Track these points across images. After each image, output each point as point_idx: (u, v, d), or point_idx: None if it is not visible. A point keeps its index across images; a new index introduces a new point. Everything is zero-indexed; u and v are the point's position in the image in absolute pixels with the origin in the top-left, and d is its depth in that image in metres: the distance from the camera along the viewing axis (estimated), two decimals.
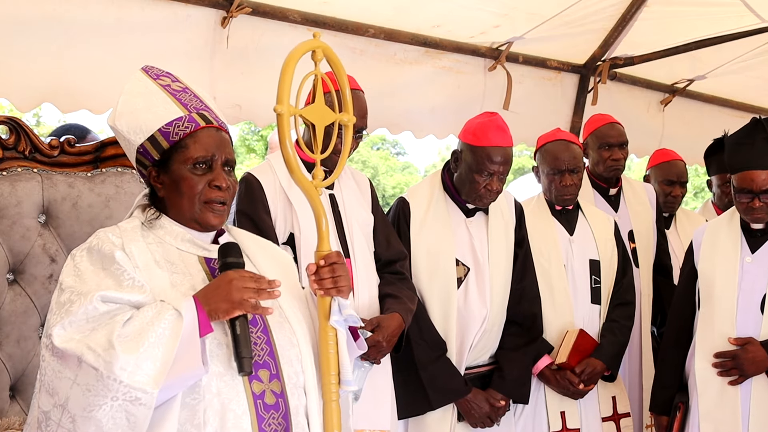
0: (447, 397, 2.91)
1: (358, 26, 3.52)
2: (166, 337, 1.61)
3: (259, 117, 3.40)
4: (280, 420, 1.77)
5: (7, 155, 2.38)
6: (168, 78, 1.93)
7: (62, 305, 1.66)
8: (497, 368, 3.03)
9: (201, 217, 1.84)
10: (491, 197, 2.94)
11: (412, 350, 2.85)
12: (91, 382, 1.57)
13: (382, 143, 24.88)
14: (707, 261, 2.97)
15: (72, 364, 1.59)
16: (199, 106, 1.89)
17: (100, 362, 1.56)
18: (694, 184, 17.15)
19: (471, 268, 2.98)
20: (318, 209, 1.95)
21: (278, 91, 1.83)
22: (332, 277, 1.90)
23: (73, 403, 1.59)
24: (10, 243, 2.33)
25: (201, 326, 1.66)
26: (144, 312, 1.64)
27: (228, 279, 1.72)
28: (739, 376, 2.84)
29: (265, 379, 1.77)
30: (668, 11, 3.99)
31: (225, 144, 1.87)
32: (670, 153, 4.09)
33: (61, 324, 1.62)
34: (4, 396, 2.33)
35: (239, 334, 1.70)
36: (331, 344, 1.89)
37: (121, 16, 2.93)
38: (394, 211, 3.05)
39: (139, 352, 1.57)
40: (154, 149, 1.84)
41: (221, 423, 1.69)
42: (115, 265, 1.73)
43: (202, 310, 1.67)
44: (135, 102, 1.87)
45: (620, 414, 3.31)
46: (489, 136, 2.88)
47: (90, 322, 1.63)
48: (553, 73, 4.37)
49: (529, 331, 3.07)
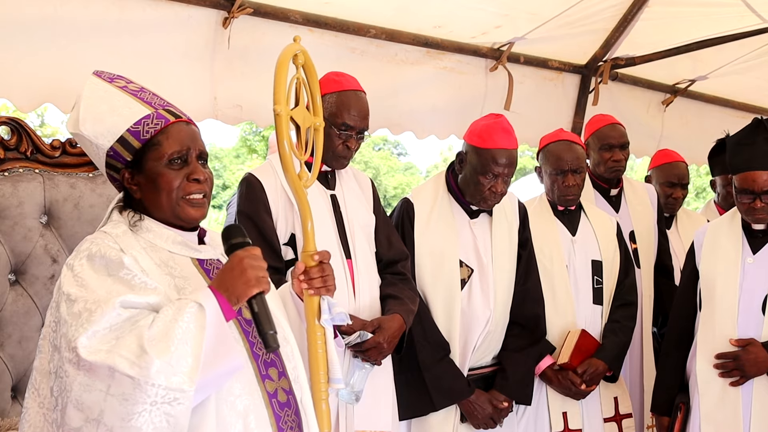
0: (450, 398, 2.91)
1: (359, 27, 3.52)
2: (192, 332, 1.58)
3: (260, 117, 3.40)
4: (294, 417, 1.77)
5: (9, 156, 2.38)
6: (122, 80, 1.91)
7: (78, 316, 1.60)
8: (500, 369, 3.03)
9: (181, 212, 1.81)
10: (496, 199, 2.94)
11: (416, 351, 2.85)
12: (128, 391, 1.53)
13: (383, 144, 24.87)
14: (708, 262, 2.97)
15: (103, 375, 1.54)
16: (162, 103, 1.88)
17: (135, 370, 1.52)
18: (696, 185, 17.15)
19: (474, 269, 2.98)
20: (305, 209, 1.97)
21: (275, 92, 1.85)
22: (322, 276, 1.91)
23: (109, 415, 1.54)
24: (12, 244, 2.34)
25: (224, 312, 1.64)
26: (165, 312, 1.61)
27: (239, 259, 1.69)
28: (741, 377, 2.84)
29: (275, 377, 1.77)
30: (669, 11, 3.98)
31: (196, 137, 1.86)
32: (671, 154, 4.08)
33: (85, 335, 1.57)
34: (6, 396, 2.33)
35: (258, 312, 1.67)
36: (320, 343, 1.91)
37: (123, 16, 2.93)
38: (398, 212, 3.04)
39: (171, 353, 1.54)
40: (125, 150, 1.81)
41: (244, 425, 1.68)
42: (124, 270, 1.68)
43: (221, 297, 1.65)
44: (97, 106, 1.84)
45: (622, 414, 3.31)
46: (494, 138, 2.87)
47: (113, 330, 1.59)
48: (555, 73, 4.36)
49: (533, 333, 3.07)
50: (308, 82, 2.07)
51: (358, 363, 2.60)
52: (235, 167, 20.65)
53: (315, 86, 2.07)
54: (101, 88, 1.87)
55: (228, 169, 21.09)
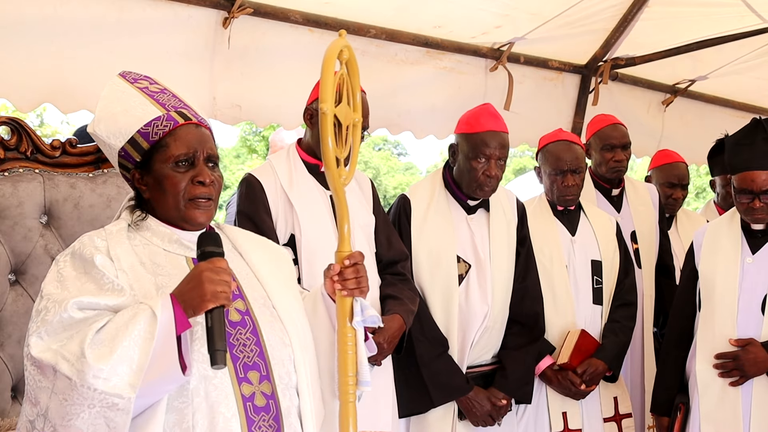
0: (448, 394, 2.91)
1: (360, 26, 3.52)
2: (141, 339, 1.57)
3: (259, 117, 3.39)
4: (271, 422, 1.75)
5: (9, 156, 2.38)
6: (146, 81, 1.92)
7: (39, 313, 1.64)
8: (500, 368, 3.03)
9: (187, 214, 1.81)
10: (491, 184, 2.93)
11: (414, 347, 2.84)
12: (67, 391, 1.55)
13: (383, 144, 24.89)
14: (708, 262, 2.97)
15: (49, 374, 1.57)
16: (177, 104, 1.87)
17: (73, 371, 1.54)
18: (696, 185, 17.14)
19: (472, 265, 2.98)
20: (343, 209, 1.95)
21: (321, 90, 1.82)
22: (356, 277, 1.89)
23: (52, 412, 1.58)
24: (12, 244, 2.33)
25: (177, 323, 1.61)
26: (121, 315, 1.61)
27: (199, 271, 1.66)
28: (740, 377, 2.84)
29: (255, 380, 1.75)
30: (670, 12, 3.98)
31: (206, 140, 1.85)
32: (671, 155, 4.08)
33: (37, 333, 1.60)
34: (6, 396, 2.33)
35: (211, 327, 1.64)
36: (350, 345, 1.88)
37: (122, 16, 2.93)
38: (395, 208, 3.05)
39: (112, 358, 1.54)
40: (135, 151, 1.83)
41: (210, 426, 1.67)
42: (95, 270, 1.70)
43: (178, 307, 1.63)
44: (112, 106, 1.86)
45: (622, 415, 3.31)
46: (482, 122, 2.92)
47: (67, 329, 1.60)
48: (555, 73, 4.36)
49: (532, 331, 3.07)
50: (350, 78, 2.03)
51: None
52: (235, 167, 20.66)
53: (356, 82, 2.02)
54: (120, 89, 1.89)
55: (228, 169, 21.10)
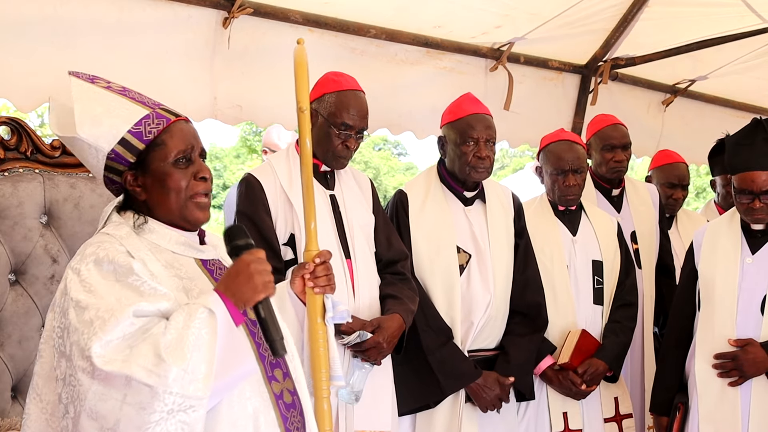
0: (459, 381, 2.88)
1: (359, 27, 3.52)
2: (204, 338, 1.56)
3: (260, 117, 3.40)
4: (299, 417, 1.77)
5: (9, 156, 2.39)
6: (102, 80, 1.86)
7: (90, 324, 1.58)
8: (502, 353, 3.02)
9: (188, 213, 1.79)
10: (484, 164, 2.94)
11: (420, 339, 2.83)
12: (145, 399, 1.51)
13: (383, 144, 24.88)
14: (707, 262, 2.97)
15: (119, 385, 1.52)
16: (154, 102, 1.85)
17: (153, 378, 1.51)
18: (696, 185, 17.14)
19: (472, 254, 2.98)
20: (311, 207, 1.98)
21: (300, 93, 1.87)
22: (326, 275, 1.91)
23: (125, 424, 1.52)
24: (12, 244, 2.34)
25: (233, 318, 1.62)
26: (175, 319, 1.59)
27: (246, 264, 1.66)
28: (739, 378, 2.83)
29: (280, 378, 1.77)
30: (670, 11, 3.98)
31: (197, 135, 1.84)
32: (671, 155, 4.07)
33: (98, 344, 1.55)
34: (6, 396, 2.34)
35: (265, 318, 1.64)
36: (322, 342, 1.91)
37: (122, 16, 2.93)
38: (392, 203, 3.06)
39: (187, 360, 1.53)
40: (128, 152, 1.76)
41: (254, 427, 1.68)
42: (133, 276, 1.65)
43: (228, 301, 1.62)
44: (91, 108, 1.79)
45: (622, 415, 3.31)
46: (464, 107, 3.00)
47: (126, 339, 1.57)
48: (555, 73, 4.36)
49: (534, 321, 3.07)
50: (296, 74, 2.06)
51: (358, 363, 2.61)
52: (235, 167, 20.65)
53: None
54: (88, 89, 1.82)
55: (228, 169, 21.10)
